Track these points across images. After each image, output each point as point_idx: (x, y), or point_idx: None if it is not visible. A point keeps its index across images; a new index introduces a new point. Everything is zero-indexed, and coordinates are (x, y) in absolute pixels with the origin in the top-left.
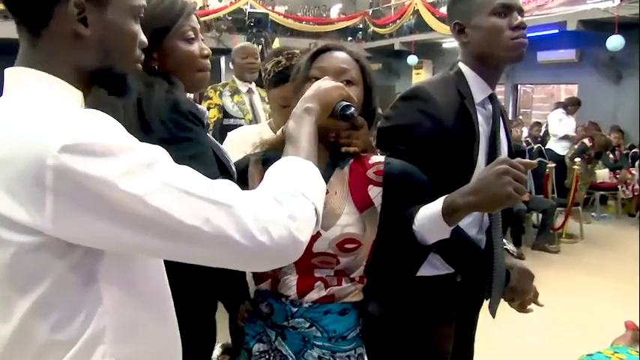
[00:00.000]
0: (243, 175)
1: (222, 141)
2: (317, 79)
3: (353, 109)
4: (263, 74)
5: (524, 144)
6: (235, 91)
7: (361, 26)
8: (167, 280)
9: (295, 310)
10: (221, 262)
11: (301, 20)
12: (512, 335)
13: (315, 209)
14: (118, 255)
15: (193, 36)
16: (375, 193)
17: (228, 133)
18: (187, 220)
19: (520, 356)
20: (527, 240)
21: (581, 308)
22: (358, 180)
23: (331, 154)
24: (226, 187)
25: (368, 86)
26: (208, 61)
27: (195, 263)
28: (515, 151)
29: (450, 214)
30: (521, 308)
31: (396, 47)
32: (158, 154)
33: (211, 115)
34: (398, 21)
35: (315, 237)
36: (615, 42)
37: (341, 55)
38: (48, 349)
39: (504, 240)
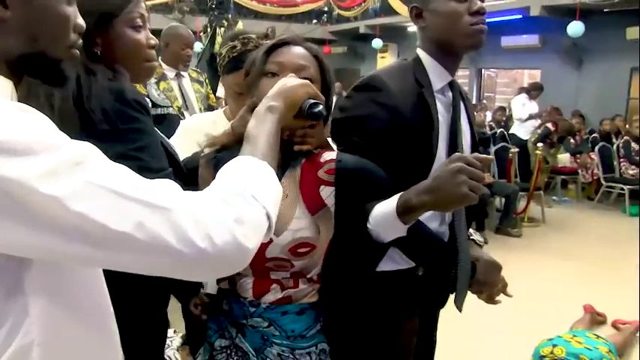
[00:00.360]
0: (193, 176)
1: None
2: (273, 74)
3: (321, 106)
4: (218, 59)
5: (488, 128)
6: (161, 77)
7: (326, 9)
8: (106, 289)
9: (253, 310)
10: (158, 271)
11: (265, 2)
12: (472, 320)
13: (267, 214)
14: (47, 265)
15: (141, 24)
16: (327, 193)
17: (182, 122)
18: (116, 226)
19: (480, 341)
20: (490, 224)
21: (543, 292)
22: (309, 181)
23: (283, 153)
24: (164, 187)
25: (327, 84)
26: (154, 52)
27: (131, 272)
28: (479, 139)
29: (404, 213)
30: (490, 300)
31: (362, 30)
32: (87, 151)
33: None
34: (363, 4)
35: (266, 243)
36: (576, 28)
37: (299, 50)
38: None
39: (471, 230)
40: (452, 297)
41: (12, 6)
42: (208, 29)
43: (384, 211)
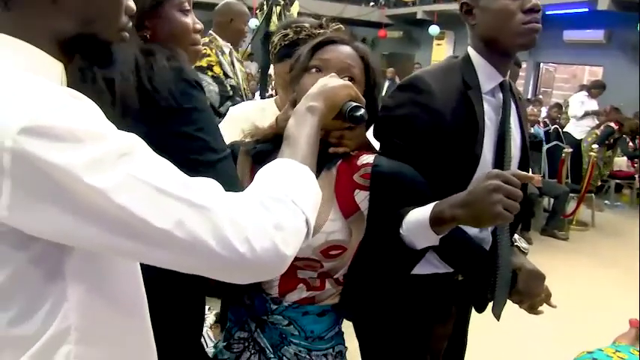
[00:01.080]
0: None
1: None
2: (318, 69)
3: (363, 110)
4: (270, 47)
5: (542, 125)
6: (222, 52)
7: None
8: (141, 278)
9: (275, 307)
10: (196, 270)
11: None
12: (509, 325)
13: (307, 220)
14: (88, 252)
15: (189, 7)
16: (361, 197)
17: (230, 109)
18: (157, 222)
19: (515, 348)
20: (536, 224)
21: (586, 300)
22: (345, 184)
23: (319, 153)
24: (207, 186)
25: (371, 85)
26: (199, 36)
27: (167, 268)
28: (530, 142)
29: (436, 223)
30: (531, 310)
31: (419, 16)
32: (132, 144)
33: (217, 71)
34: None
35: None
36: None
37: (346, 49)
38: (5, 344)
39: (516, 236)
40: (491, 303)
41: None
42: (265, 7)
43: (417, 219)
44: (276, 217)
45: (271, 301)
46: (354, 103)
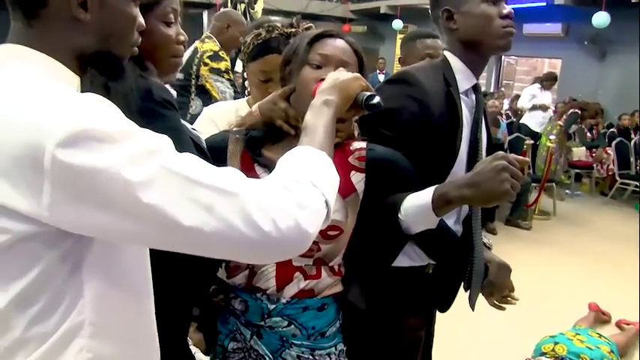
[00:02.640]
0: (221, 153)
1: None
2: (318, 66)
3: (378, 98)
4: (242, 47)
5: (504, 117)
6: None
7: None
8: (151, 280)
9: (272, 307)
10: (224, 253)
11: None
12: (474, 313)
13: (326, 201)
14: (106, 247)
15: (173, 19)
16: (357, 179)
17: (205, 108)
18: (191, 209)
19: (481, 335)
20: (500, 215)
21: (549, 287)
22: (340, 166)
23: None
24: (232, 174)
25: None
26: (182, 48)
27: (197, 254)
28: (494, 144)
29: (440, 206)
30: (496, 305)
31: (382, 10)
32: (162, 140)
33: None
34: None
35: None
36: (601, 18)
37: (342, 44)
38: (23, 342)
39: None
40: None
41: (91, 8)
42: (229, 4)
43: (417, 203)
44: (298, 197)
45: (268, 301)
46: (368, 93)
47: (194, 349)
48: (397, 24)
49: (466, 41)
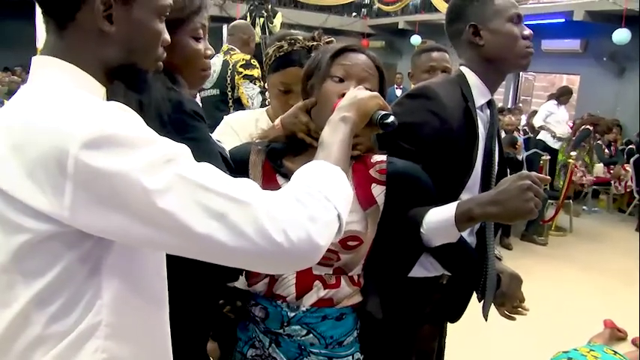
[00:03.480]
0: (243, 164)
1: None
2: (340, 79)
3: (393, 118)
4: (264, 59)
5: (522, 133)
6: None
7: (366, 2)
8: (167, 287)
9: (292, 315)
10: (236, 261)
11: None
12: (487, 327)
13: (339, 215)
14: (125, 251)
15: (202, 34)
16: (378, 191)
17: (225, 117)
18: (204, 217)
19: (495, 349)
20: (515, 230)
21: (564, 302)
22: (361, 178)
23: None
24: (246, 185)
25: (383, 94)
26: (210, 62)
27: (210, 261)
28: (505, 158)
29: (463, 221)
30: (508, 316)
31: (400, 26)
32: (180, 149)
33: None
34: None
35: None
36: (621, 35)
37: (364, 59)
38: (42, 339)
39: None
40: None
41: (117, 22)
42: (248, 18)
43: (440, 218)
44: (310, 210)
45: (288, 308)
46: (384, 112)
47: None
48: (415, 39)
49: (490, 58)
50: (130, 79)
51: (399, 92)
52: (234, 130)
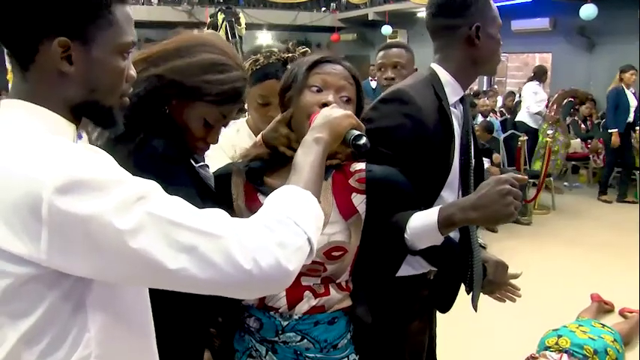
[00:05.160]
0: (226, 184)
1: None
2: (318, 88)
3: (365, 139)
4: None
5: (499, 115)
6: None
7: None
8: (152, 316)
9: (286, 323)
10: (208, 290)
11: None
12: (481, 311)
13: (309, 239)
14: (106, 284)
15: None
16: (358, 200)
17: None
18: (175, 252)
19: (488, 331)
20: None
21: (551, 280)
22: (341, 189)
23: None
24: (215, 216)
25: (360, 102)
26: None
27: (184, 291)
28: (481, 149)
29: (446, 226)
30: (499, 299)
31: (370, 17)
32: (149, 187)
33: None
34: None
35: None
36: (589, 11)
37: (340, 69)
38: None
39: None
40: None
41: (76, 62)
42: (219, 24)
43: (423, 223)
44: (279, 236)
45: (281, 318)
46: (357, 132)
47: None
48: (386, 29)
49: (478, 60)
50: (95, 116)
51: (373, 84)
52: (220, 146)
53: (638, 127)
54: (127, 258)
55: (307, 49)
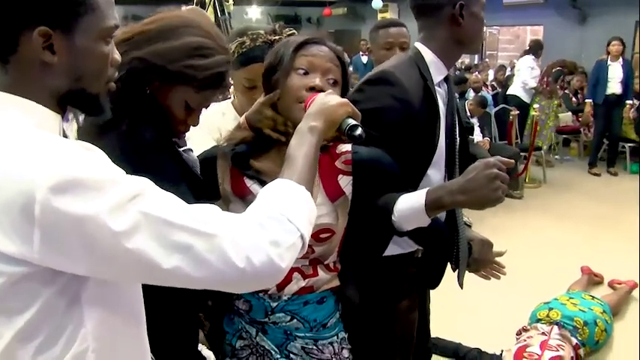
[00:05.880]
0: (212, 167)
1: None
2: (304, 71)
3: (361, 130)
4: None
5: (490, 89)
6: None
7: None
8: (142, 301)
9: (275, 304)
10: (201, 286)
11: None
12: (470, 282)
13: (302, 235)
14: (100, 280)
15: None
16: (345, 182)
17: None
18: (169, 252)
19: (480, 305)
20: None
21: (543, 254)
22: (328, 171)
23: None
24: (209, 213)
25: (346, 83)
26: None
27: (177, 287)
28: (465, 127)
29: (433, 209)
30: (485, 276)
31: None
32: (143, 185)
33: None
34: None
35: None
36: None
37: (326, 50)
38: None
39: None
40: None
41: (59, 51)
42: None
43: (411, 206)
44: (272, 234)
45: (270, 299)
46: (352, 122)
47: (201, 346)
48: (376, 3)
49: (462, 39)
50: (82, 104)
51: (364, 59)
52: (202, 128)
53: (629, 102)
54: (122, 258)
55: (294, 30)
